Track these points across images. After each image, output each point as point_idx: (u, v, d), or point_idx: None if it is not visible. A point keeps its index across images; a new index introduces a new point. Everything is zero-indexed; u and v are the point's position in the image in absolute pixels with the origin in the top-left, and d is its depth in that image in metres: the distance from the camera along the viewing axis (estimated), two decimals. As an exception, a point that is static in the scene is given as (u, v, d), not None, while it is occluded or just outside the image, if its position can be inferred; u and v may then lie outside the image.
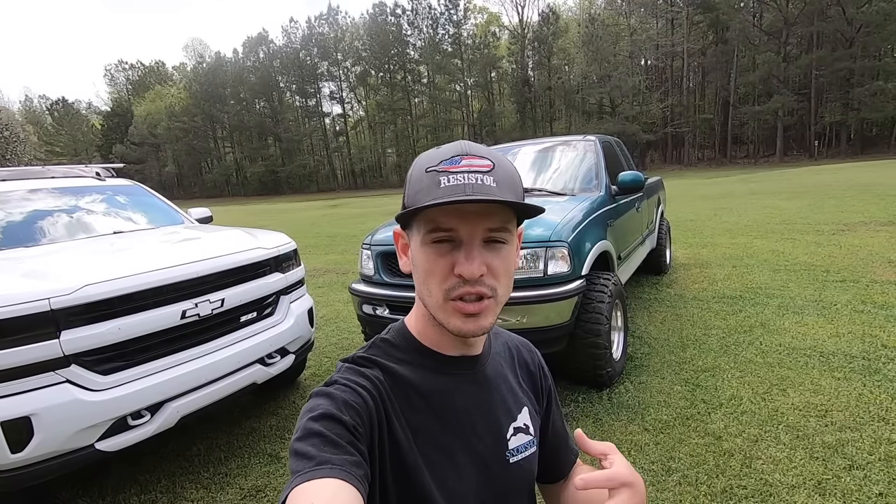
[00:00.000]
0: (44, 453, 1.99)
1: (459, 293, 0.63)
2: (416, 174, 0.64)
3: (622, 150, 4.88)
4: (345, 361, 0.71)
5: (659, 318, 4.34)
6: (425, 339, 0.72)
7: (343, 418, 0.59)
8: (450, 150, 0.64)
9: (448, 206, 0.59)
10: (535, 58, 43.97)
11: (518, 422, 0.77)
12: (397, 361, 0.70)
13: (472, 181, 0.60)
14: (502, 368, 0.79)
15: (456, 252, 0.63)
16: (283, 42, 54.93)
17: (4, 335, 1.92)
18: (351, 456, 0.56)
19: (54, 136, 68.77)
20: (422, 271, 0.65)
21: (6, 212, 2.99)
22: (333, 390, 0.64)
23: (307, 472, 0.53)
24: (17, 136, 24.75)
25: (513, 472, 0.74)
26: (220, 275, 2.52)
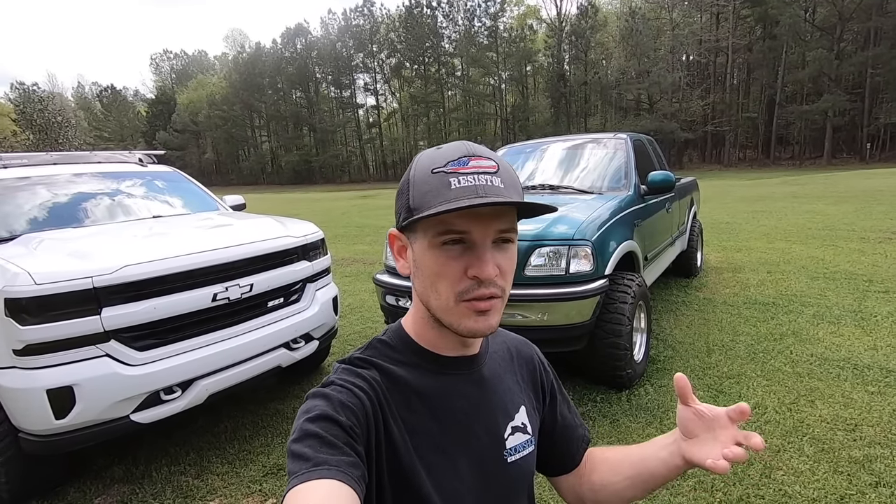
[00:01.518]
0: (84, 421, 2.13)
1: (474, 295, 0.62)
2: (419, 175, 0.63)
3: (654, 149, 4.78)
4: (342, 362, 0.70)
5: (686, 322, 4.25)
6: (423, 341, 0.72)
7: (340, 419, 0.59)
8: (454, 150, 0.63)
9: (458, 210, 0.58)
10: (572, 52, 43.14)
11: (515, 421, 0.77)
12: (394, 362, 0.70)
13: (483, 182, 0.60)
14: (500, 368, 0.79)
15: (468, 254, 0.62)
16: (320, 33, 55.72)
17: (51, 309, 2.06)
18: (348, 457, 0.56)
19: (103, 121, 71.93)
20: (430, 274, 0.64)
21: (56, 194, 3.18)
22: (330, 391, 0.63)
23: (304, 474, 0.53)
24: (69, 121, 25.99)
25: (511, 472, 0.75)
26: (249, 261, 2.62)
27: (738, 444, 0.65)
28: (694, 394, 0.73)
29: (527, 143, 4.89)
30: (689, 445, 0.71)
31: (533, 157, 4.51)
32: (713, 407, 0.70)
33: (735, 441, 0.67)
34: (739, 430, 0.67)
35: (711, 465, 0.65)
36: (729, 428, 0.68)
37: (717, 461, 0.64)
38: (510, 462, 0.74)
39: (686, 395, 0.72)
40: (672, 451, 0.74)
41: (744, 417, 0.67)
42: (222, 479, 2.48)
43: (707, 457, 0.67)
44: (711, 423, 0.70)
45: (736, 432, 0.68)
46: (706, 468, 0.66)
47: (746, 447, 0.65)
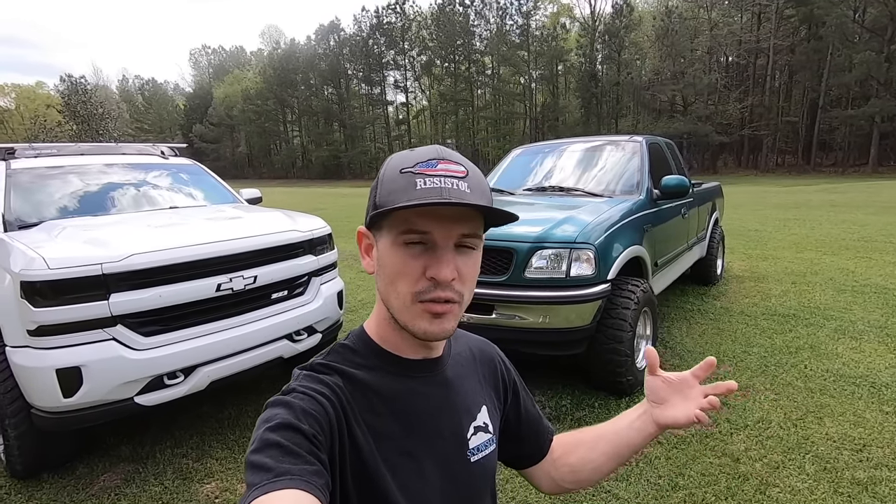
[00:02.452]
0: (90, 401, 2.23)
1: (430, 297, 0.62)
2: (389, 174, 0.64)
3: (673, 153, 4.67)
4: (302, 369, 0.69)
5: (698, 331, 4.15)
6: (386, 344, 0.72)
7: (302, 427, 0.58)
8: (425, 152, 0.64)
9: (425, 208, 0.59)
10: (605, 51, 42.37)
11: (478, 421, 0.78)
12: (357, 367, 0.69)
13: (449, 185, 0.60)
14: (462, 369, 0.80)
15: (428, 255, 0.62)
16: (353, 30, 56.31)
17: (63, 293, 2.17)
18: (311, 465, 0.55)
19: (143, 113, 74.57)
20: (390, 272, 0.64)
21: (80, 183, 3.33)
22: (291, 399, 0.62)
23: (266, 484, 0.51)
24: (111, 113, 27.08)
25: (475, 471, 0.76)
26: (254, 253, 2.69)
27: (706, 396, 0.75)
28: None
29: (542, 144, 4.86)
30: (661, 410, 0.79)
31: (547, 159, 4.47)
32: (678, 373, 0.78)
33: (704, 394, 0.76)
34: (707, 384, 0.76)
35: (695, 416, 0.74)
36: (696, 386, 0.77)
37: (696, 412, 0.74)
38: (473, 461, 0.75)
39: (654, 367, 0.80)
40: (645, 420, 0.81)
41: (710, 370, 0.77)
42: (220, 464, 2.56)
43: (683, 415, 0.76)
44: (679, 386, 0.78)
45: (703, 387, 0.77)
46: (683, 425, 0.76)
47: (720, 395, 0.75)
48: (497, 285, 2.83)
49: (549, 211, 3.34)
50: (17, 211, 2.96)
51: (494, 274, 2.86)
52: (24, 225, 2.86)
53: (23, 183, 3.16)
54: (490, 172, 4.71)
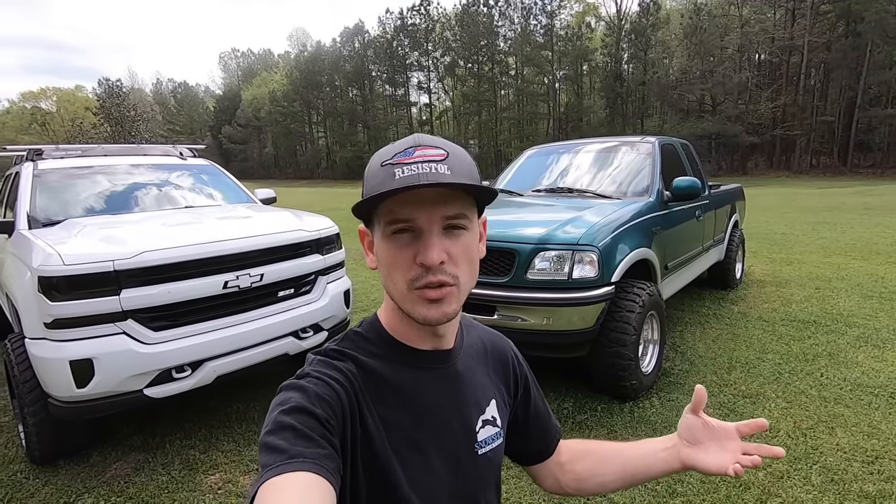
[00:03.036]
0: (101, 392, 2.33)
1: (423, 282, 0.63)
2: (372, 169, 0.64)
3: (689, 154, 4.57)
4: (317, 354, 0.70)
5: (712, 336, 4.06)
6: (396, 333, 0.72)
7: (315, 411, 0.59)
8: (404, 143, 0.65)
9: (403, 195, 0.59)
10: (631, 50, 41.66)
11: (486, 414, 0.78)
12: (370, 355, 0.70)
13: (426, 170, 0.60)
14: (473, 362, 0.80)
15: (416, 242, 0.63)
16: (377, 32, 56.84)
17: (76, 288, 2.27)
18: (323, 449, 0.56)
19: (175, 115, 76.83)
20: (385, 264, 0.65)
21: (101, 183, 3.47)
22: (305, 383, 0.63)
23: (279, 466, 0.52)
24: (142, 115, 28.02)
25: (481, 464, 0.76)
26: (260, 252, 2.76)
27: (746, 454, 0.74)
28: (704, 410, 0.79)
29: (556, 145, 4.82)
30: (693, 451, 0.79)
31: (559, 160, 4.44)
32: (722, 422, 0.78)
33: (744, 451, 0.75)
34: (751, 442, 0.76)
35: (733, 470, 0.73)
36: (736, 439, 0.77)
37: (734, 466, 0.74)
38: (480, 454, 0.76)
39: (699, 406, 0.79)
40: (672, 454, 0.81)
41: (758, 429, 0.76)
42: (226, 457, 2.63)
43: (715, 463, 0.76)
44: (717, 434, 0.77)
45: (745, 444, 0.76)
46: (711, 472, 0.76)
47: (763, 456, 0.74)
48: (499, 286, 2.83)
49: (554, 212, 3.33)
50: (41, 209, 3.11)
51: (496, 275, 2.86)
52: (48, 223, 3.00)
53: (48, 182, 3.32)
54: (502, 173, 4.72)
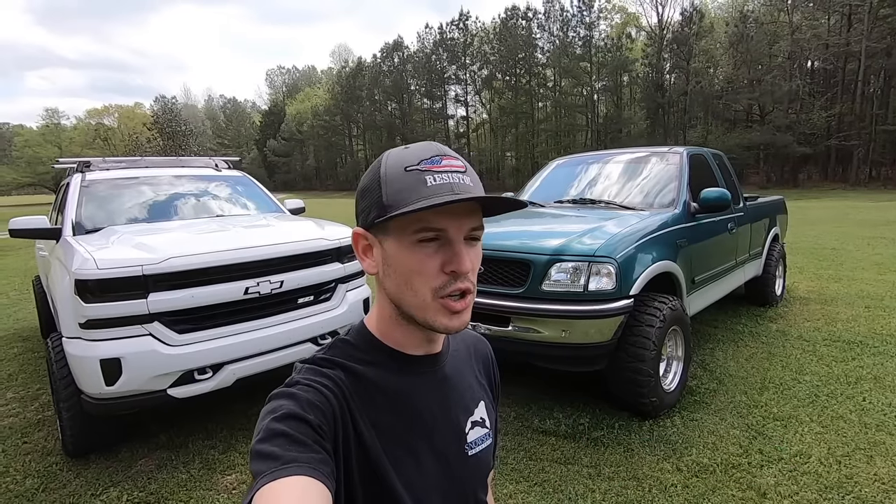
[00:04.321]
0: (128, 390, 2.45)
1: (451, 290, 0.64)
2: (392, 173, 0.63)
3: (721, 165, 4.41)
4: (305, 363, 0.70)
5: (745, 354, 3.87)
6: (388, 339, 0.72)
7: (308, 417, 0.59)
8: (425, 149, 0.65)
9: (441, 205, 0.60)
10: (672, 60, 40.69)
11: (475, 416, 0.79)
12: (358, 362, 0.70)
13: (456, 180, 0.62)
14: (460, 364, 0.81)
15: (444, 250, 0.63)
16: (416, 47, 57.95)
17: (108, 291, 2.41)
18: (317, 454, 0.56)
19: (224, 130, 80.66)
20: (405, 272, 0.64)
21: (140, 193, 3.69)
22: (296, 391, 0.63)
23: (275, 472, 0.52)
24: (192, 129, 29.56)
25: (472, 465, 0.77)
26: (281, 259, 2.85)
27: None
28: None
29: (583, 155, 4.77)
30: None
31: (585, 171, 4.38)
32: None
33: None
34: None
35: None
36: None
37: None
38: (471, 455, 0.77)
39: None
40: None
41: None
42: (243, 458, 2.71)
43: None
44: None
45: None
46: None
47: None
48: (514, 297, 2.81)
49: (573, 223, 3.28)
50: (85, 217, 3.32)
51: (511, 286, 2.84)
52: (90, 230, 3.21)
53: (93, 192, 3.55)
54: (528, 183, 4.69)
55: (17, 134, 74.90)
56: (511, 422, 2.95)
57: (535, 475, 2.43)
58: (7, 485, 2.54)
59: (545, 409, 3.06)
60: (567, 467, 2.47)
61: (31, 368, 4.16)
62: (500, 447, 2.66)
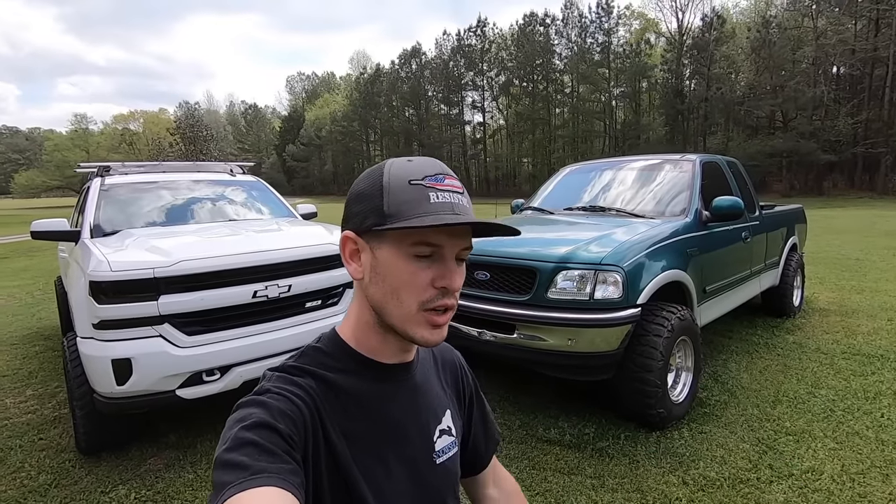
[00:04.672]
0: (138, 390, 2.51)
1: (437, 305, 0.65)
2: (396, 184, 0.64)
3: (735, 173, 4.34)
4: (274, 370, 0.69)
5: (759, 366, 3.79)
6: (362, 347, 0.72)
7: (278, 426, 0.58)
8: (429, 165, 0.67)
9: (451, 226, 0.63)
10: (693, 66, 40.18)
11: (443, 424, 0.80)
12: (329, 369, 0.70)
13: (456, 201, 0.65)
14: (429, 373, 0.82)
15: (435, 266, 0.65)
16: (434, 53, 58.35)
17: (121, 292, 2.47)
18: (287, 464, 0.55)
19: (245, 135, 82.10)
20: (394, 282, 0.65)
21: (157, 197, 3.78)
22: (266, 399, 0.62)
23: (243, 482, 0.51)
24: (212, 134, 30.21)
25: (440, 473, 0.77)
26: (289, 264, 2.89)
27: None
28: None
29: (595, 162, 4.73)
30: None
31: (596, 178, 4.35)
32: None
33: None
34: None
35: None
36: None
37: None
38: (438, 463, 0.77)
39: None
40: None
41: None
42: (249, 459, 2.74)
43: None
44: None
45: None
46: None
47: None
48: (519, 304, 2.80)
49: (581, 231, 3.26)
50: (103, 220, 3.42)
51: (517, 293, 2.83)
52: (107, 233, 3.30)
53: (112, 196, 3.65)
54: (538, 190, 4.67)
55: (48, 138, 77.44)
56: (515, 430, 2.93)
57: (538, 485, 2.40)
58: (22, 480, 2.61)
59: (550, 418, 3.04)
60: (570, 478, 2.45)
61: (51, 367, 4.28)
62: (504, 455, 2.65)
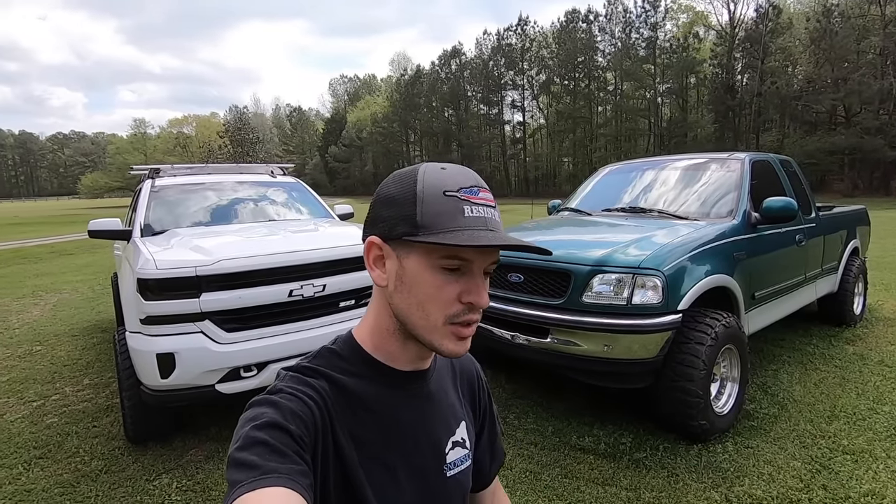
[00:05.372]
0: (180, 384, 2.61)
1: (463, 319, 0.65)
2: (430, 193, 0.63)
3: (789, 172, 4.08)
4: (288, 370, 0.69)
5: (814, 379, 3.55)
6: (379, 353, 0.71)
7: (289, 427, 0.58)
8: (464, 177, 0.65)
9: (485, 247, 0.62)
10: (745, 60, 38.32)
11: (456, 436, 0.78)
12: (344, 373, 0.69)
13: (489, 215, 0.64)
14: (445, 382, 0.81)
15: (464, 279, 0.64)
16: (473, 53, 58.26)
17: (165, 290, 2.58)
18: (297, 465, 0.56)
19: (289, 137, 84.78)
20: (421, 293, 0.64)
21: (202, 198, 3.93)
22: (279, 399, 0.62)
23: (253, 482, 0.51)
24: (259, 137, 31.35)
25: (450, 486, 0.76)
26: (324, 264, 2.94)
27: None
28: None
29: (636, 162, 4.58)
30: None
31: (637, 178, 4.20)
32: None
33: None
34: None
35: None
36: None
37: None
38: (449, 476, 0.75)
39: None
40: None
41: None
42: (283, 454, 2.80)
43: None
44: None
45: None
46: None
47: None
48: (553, 308, 2.73)
49: (620, 233, 3.15)
50: (153, 219, 3.59)
51: (550, 296, 2.77)
52: (156, 232, 3.46)
53: (161, 197, 3.83)
54: (577, 190, 4.56)
55: (110, 142, 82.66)
56: (548, 436, 2.87)
57: (570, 494, 2.34)
58: (76, 465, 2.77)
59: (584, 426, 2.95)
60: (604, 488, 2.37)
61: (106, 358, 4.53)
62: (535, 462, 2.59)
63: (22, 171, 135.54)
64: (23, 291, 7.95)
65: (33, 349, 4.89)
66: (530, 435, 2.88)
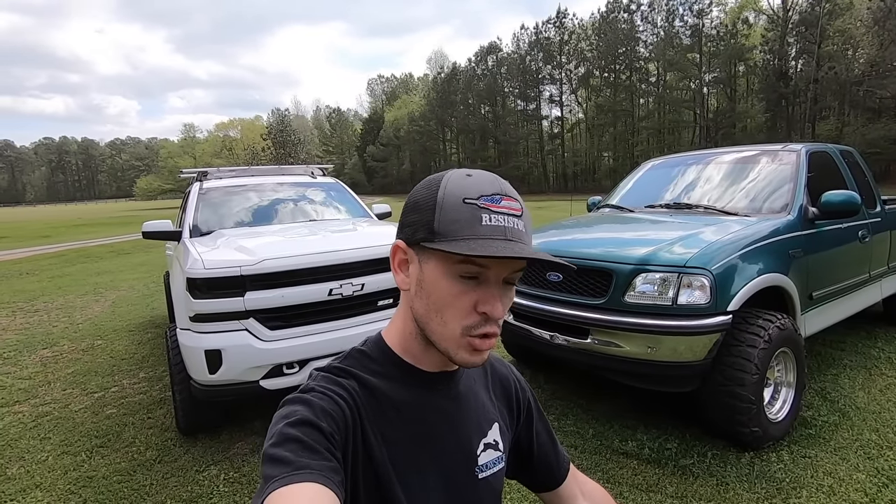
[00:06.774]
0: (226, 379, 2.71)
1: (480, 332, 0.64)
2: (450, 200, 0.62)
3: (851, 163, 3.81)
4: (320, 370, 0.70)
5: (879, 385, 3.31)
6: (406, 355, 0.72)
7: (321, 425, 0.59)
8: (488, 184, 0.64)
9: (491, 258, 0.61)
10: (799, 45, 36.17)
11: (488, 438, 0.78)
12: (373, 374, 0.70)
13: (511, 225, 0.62)
14: (475, 384, 0.80)
15: (481, 289, 0.63)
16: (510, 49, 57.69)
17: (212, 288, 2.68)
18: (329, 462, 0.57)
19: (329, 137, 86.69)
20: (438, 300, 0.64)
21: (249, 199, 4.07)
22: (311, 397, 0.63)
23: (286, 477, 0.52)
24: (299, 138, 32.24)
25: (481, 488, 0.75)
26: (362, 263, 2.98)
27: None
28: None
29: (681, 156, 4.40)
30: None
31: (682, 173, 4.03)
32: None
33: None
34: None
35: None
36: None
37: None
38: (481, 478, 0.75)
39: None
40: None
41: None
42: (324, 450, 2.86)
43: None
44: None
45: None
46: None
47: None
48: (593, 308, 2.66)
49: (664, 230, 3.02)
50: (200, 221, 3.74)
51: (591, 296, 2.69)
52: (204, 232, 3.60)
53: (208, 199, 3.98)
54: (618, 186, 4.43)
55: (162, 147, 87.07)
56: (589, 440, 2.80)
57: (613, 500, 2.27)
58: (133, 454, 2.93)
59: (627, 430, 2.86)
60: (649, 495, 2.29)
61: (160, 353, 4.77)
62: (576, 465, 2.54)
63: (84, 175, 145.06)
64: (85, 289, 8.48)
65: (95, 343, 5.20)
66: (570, 438, 2.82)
